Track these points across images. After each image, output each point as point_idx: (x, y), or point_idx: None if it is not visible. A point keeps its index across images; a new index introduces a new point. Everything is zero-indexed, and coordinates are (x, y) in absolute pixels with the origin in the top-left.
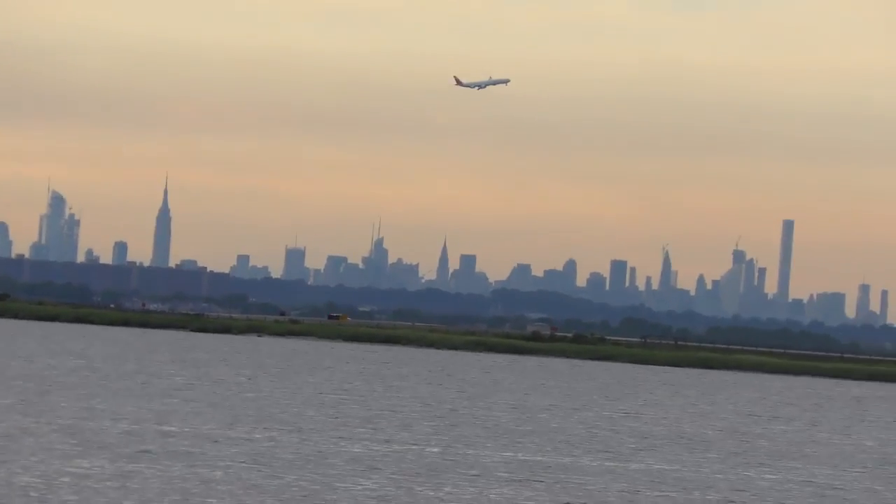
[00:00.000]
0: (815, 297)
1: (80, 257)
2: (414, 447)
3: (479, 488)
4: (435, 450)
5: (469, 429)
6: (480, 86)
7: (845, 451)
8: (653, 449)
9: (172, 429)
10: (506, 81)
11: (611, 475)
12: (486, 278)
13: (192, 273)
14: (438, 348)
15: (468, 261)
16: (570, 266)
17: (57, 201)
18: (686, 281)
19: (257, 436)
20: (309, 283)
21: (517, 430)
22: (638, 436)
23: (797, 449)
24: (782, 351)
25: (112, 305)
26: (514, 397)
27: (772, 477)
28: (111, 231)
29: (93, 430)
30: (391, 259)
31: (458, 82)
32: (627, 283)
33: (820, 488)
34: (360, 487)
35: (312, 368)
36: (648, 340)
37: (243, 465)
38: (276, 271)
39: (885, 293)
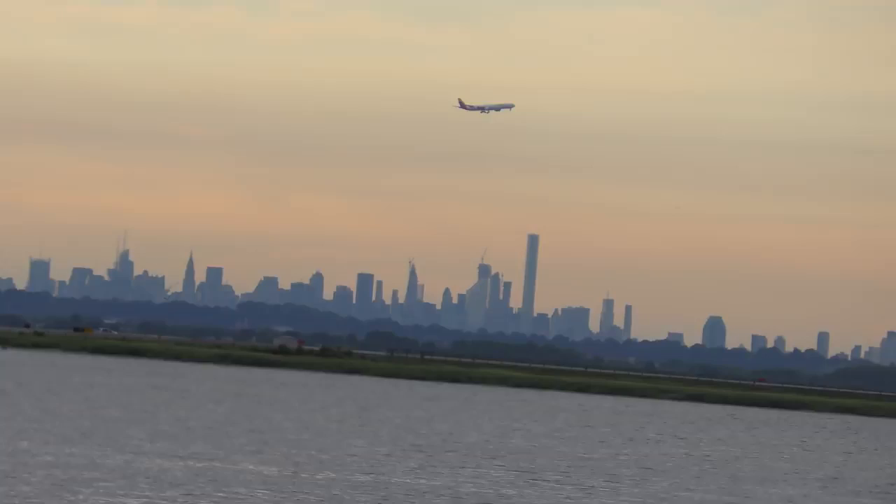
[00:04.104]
0: (559, 311)
1: None
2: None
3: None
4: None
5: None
6: (484, 109)
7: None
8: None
9: None
10: (510, 106)
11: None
12: (233, 291)
13: None
14: (184, 361)
15: (215, 273)
16: (317, 279)
17: None
18: (432, 295)
19: None
20: (54, 295)
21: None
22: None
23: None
24: (527, 365)
25: None
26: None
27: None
28: None
29: None
30: (137, 271)
31: (462, 105)
32: (374, 297)
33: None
34: None
35: None
36: (395, 354)
37: None
38: (21, 283)
39: (628, 308)
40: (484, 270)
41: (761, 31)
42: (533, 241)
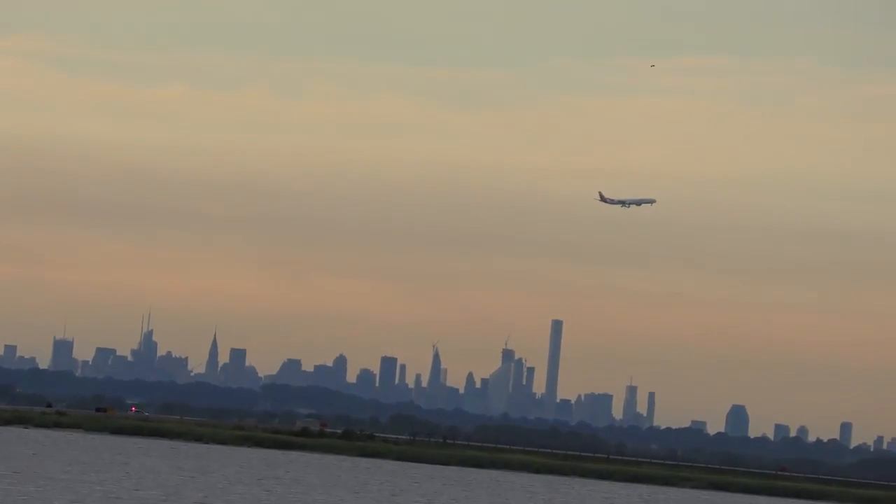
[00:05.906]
0: (582, 397)
1: None
2: None
3: None
4: None
5: None
6: (625, 203)
7: None
8: None
9: None
10: (652, 201)
11: None
12: (256, 372)
13: None
14: (206, 443)
15: (238, 354)
16: (341, 362)
17: None
18: (455, 379)
19: None
20: (77, 374)
21: None
22: None
23: None
24: (550, 451)
25: None
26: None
27: None
28: None
29: None
30: (160, 351)
31: (602, 198)
32: (397, 380)
33: None
34: None
35: None
36: (417, 438)
37: None
38: (44, 362)
39: (651, 395)
40: (507, 355)
41: (789, 120)
42: (556, 326)
